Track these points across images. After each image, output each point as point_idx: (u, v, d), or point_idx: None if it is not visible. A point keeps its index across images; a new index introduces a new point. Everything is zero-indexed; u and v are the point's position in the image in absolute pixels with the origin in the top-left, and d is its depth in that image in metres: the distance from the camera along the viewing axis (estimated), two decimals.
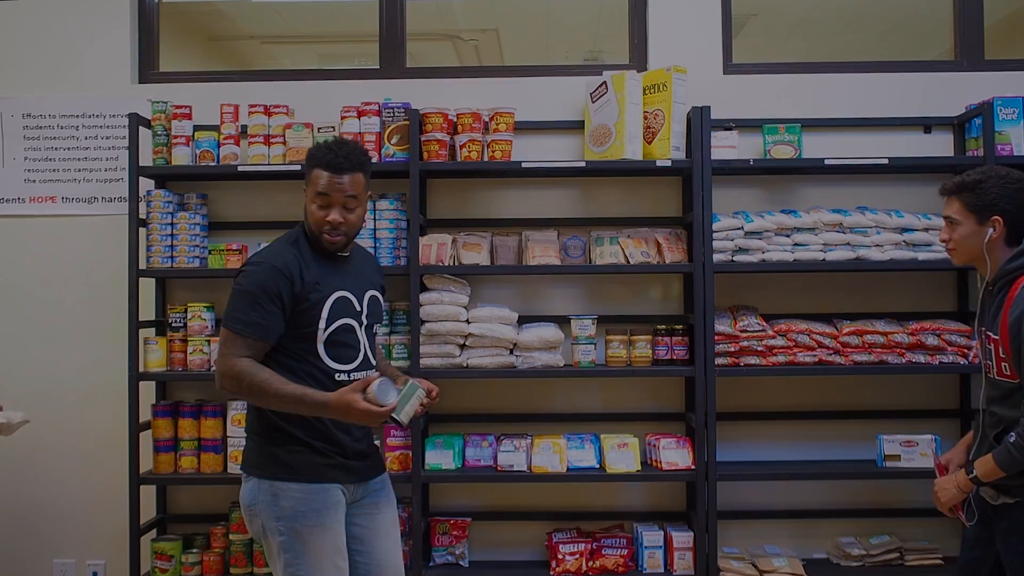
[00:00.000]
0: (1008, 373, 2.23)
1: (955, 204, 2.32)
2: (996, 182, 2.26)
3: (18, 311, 3.56)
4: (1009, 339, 2.19)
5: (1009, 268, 2.25)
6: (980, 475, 2.24)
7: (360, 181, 2.36)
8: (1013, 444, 2.15)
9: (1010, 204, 2.25)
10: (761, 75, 3.56)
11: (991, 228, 2.27)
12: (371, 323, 2.47)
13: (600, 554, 3.27)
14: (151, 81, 3.63)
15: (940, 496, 2.37)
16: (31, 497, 3.55)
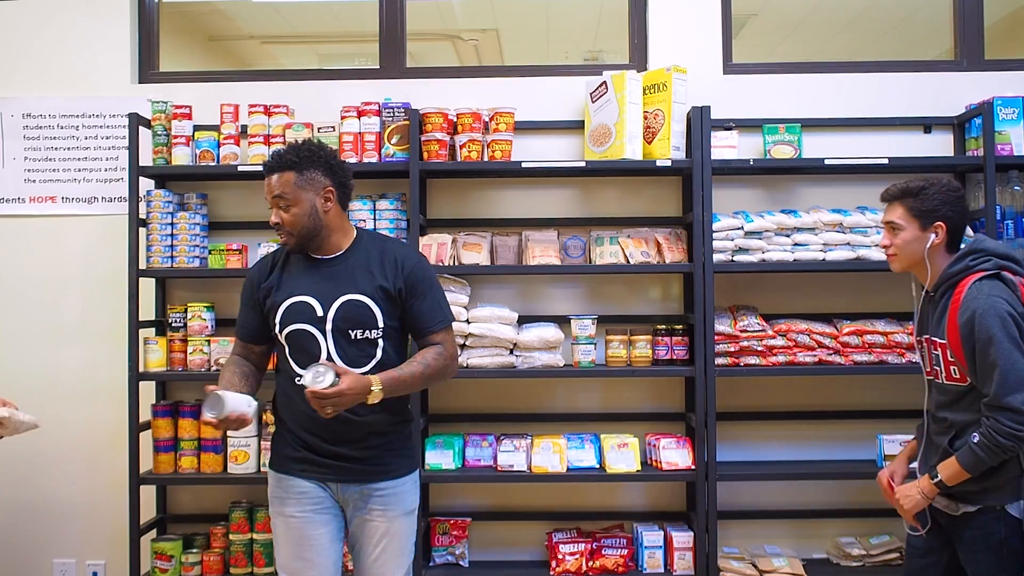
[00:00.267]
0: (957, 377, 2.25)
1: (898, 209, 2.35)
2: (939, 189, 2.31)
3: (18, 311, 3.56)
4: (960, 340, 2.20)
5: (952, 272, 2.28)
6: (945, 479, 2.23)
7: (287, 180, 2.36)
8: (977, 444, 2.15)
9: (952, 212, 2.30)
10: (761, 75, 3.56)
11: (934, 234, 2.30)
12: (345, 328, 2.35)
13: (600, 554, 3.27)
14: (151, 81, 3.63)
15: (904, 504, 2.34)
16: (31, 497, 3.55)
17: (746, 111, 3.44)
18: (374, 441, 2.41)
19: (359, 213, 3.26)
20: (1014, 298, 2.20)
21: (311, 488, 2.42)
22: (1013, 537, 2.21)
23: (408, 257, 2.45)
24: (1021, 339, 2.15)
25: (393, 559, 2.44)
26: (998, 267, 2.24)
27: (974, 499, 2.24)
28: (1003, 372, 2.11)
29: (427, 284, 2.43)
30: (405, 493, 2.46)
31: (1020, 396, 2.10)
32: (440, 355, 2.40)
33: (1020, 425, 2.10)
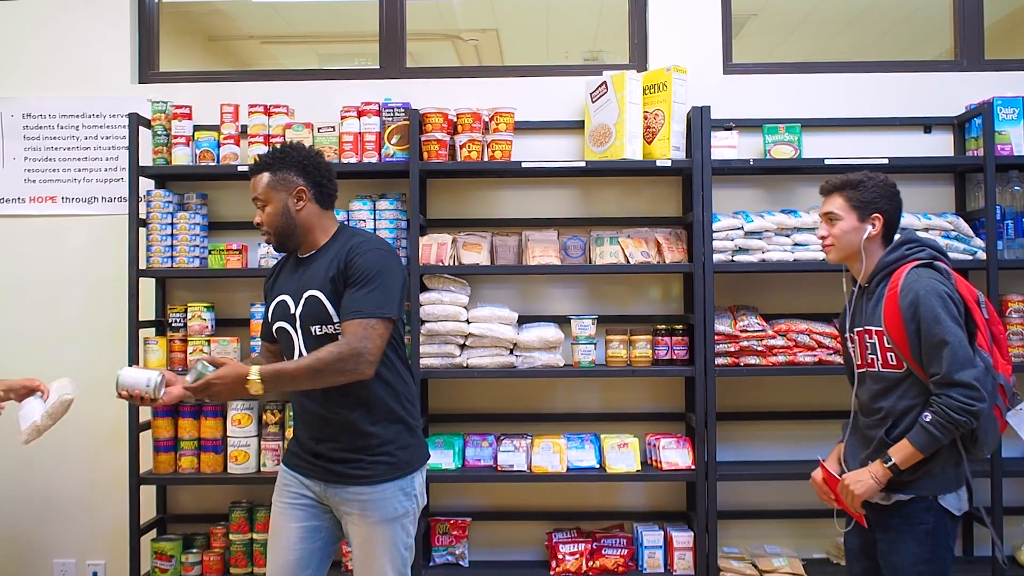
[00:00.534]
0: (894, 363, 2.28)
1: (837, 200, 2.40)
2: (876, 183, 2.38)
3: (18, 311, 3.56)
4: (903, 323, 2.23)
5: (889, 260, 2.34)
6: (898, 462, 2.22)
7: (261, 180, 2.41)
8: (930, 423, 2.17)
9: (888, 205, 2.37)
10: (761, 75, 3.56)
11: (871, 225, 2.36)
12: (308, 324, 2.37)
13: (600, 554, 3.27)
14: (151, 81, 3.63)
15: (855, 489, 2.28)
16: (31, 497, 3.55)
17: (746, 111, 3.44)
18: (351, 442, 2.37)
19: (359, 213, 3.26)
20: (950, 284, 2.27)
21: (293, 482, 2.47)
22: (940, 529, 2.23)
23: (356, 249, 2.37)
24: (961, 319, 2.21)
25: (375, 566, 2.39)
26: (932, 257, 2.32)
27: (908, 488, 2.25)
28: (953, 349, 2.15)
29: (365, 275, 2.31)
30: (385, 500, 2.37)
31: (970, 372, 2.15)
32: (332, 349, 2.25)
33: (972, 400, 2.13)
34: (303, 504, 2.46)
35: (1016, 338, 3.22)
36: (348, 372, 2.26)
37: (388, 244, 2.45)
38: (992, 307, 2.35)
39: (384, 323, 2.29)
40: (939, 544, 2.24)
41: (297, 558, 2.44)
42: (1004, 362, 2.31)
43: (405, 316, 2.56)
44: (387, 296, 2.30)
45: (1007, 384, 2.29)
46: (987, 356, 2.23)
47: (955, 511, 2.25)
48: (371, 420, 2.37)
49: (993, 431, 2.26)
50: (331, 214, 2.50)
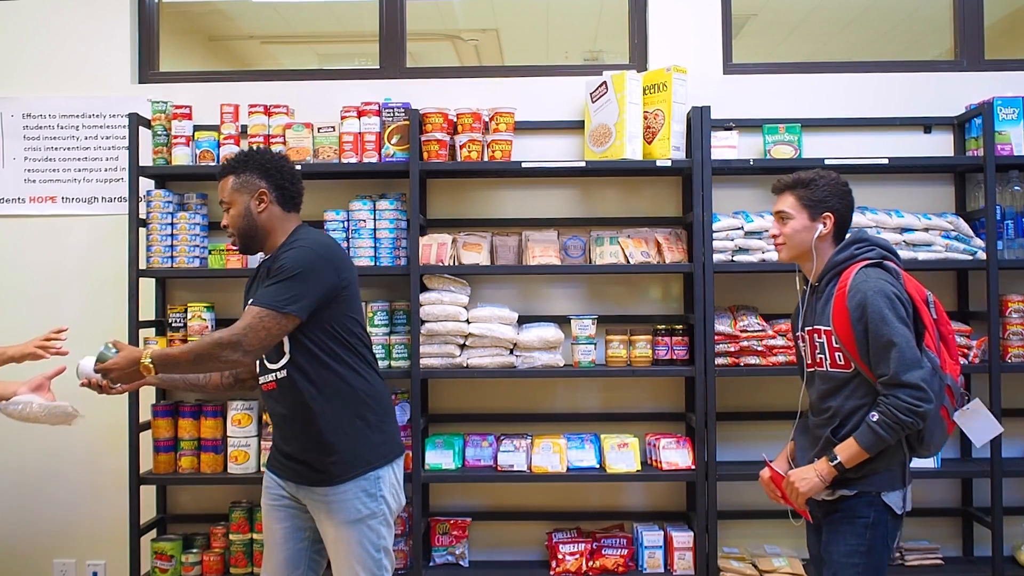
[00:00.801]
0: (842, 363, 2.28)
1: (789, 199, 2.40)
2: (828, 181, 2.37)
3: (18, 311, 3.56)
4: (851, 323, 2.23)
5: (838, 260, 2.33)
6: (844, 460, 2.22)
7: (225, 184, 2.48)
8: (876, 423, 2.17)
9: (839, 204, 2.37)
10: (761, 75, 3.56)
11: (822, 224, 2.35)
12: None
13: (600, 554, 3.27)
14: (151, 81, 3.63)
15: (800, 487, 2.27)
16: (31, 497, 3.55)
17: (746, 111, 3.44)
18: (309, 441, 2.39)
19: (359, 213, 3.26)
20: (898, 284, 2.26)
21: (272, 483, 2.53)
22: (880, 524, 2.24)
23: (287, 246, 2.40)
24: (908, 320, 2.21)
25: (345, 568, 2.40)
26: (881, 256, 2.31)
27: (853, 484, 2.26)
28: (900, 349, 2.15)
29: (280, 270, 2.33)
30: (347, 501, 2.37)
31: (917, 373, 2.14)
32: (215, 335, 2.28)
33: (919, 400, 2.13)
34: (283, 505, 2.50)
35: (1016, 338, 3.22)
36: (224, 359, 2.27)
37: (326, 246, 2.42)
38: (941, 307, 2.35)
39: (276, 316, 2.27)
40: (877, 539, 2.24)
41: (286, 558, 2.48)
42: (952, 362, 2.30)
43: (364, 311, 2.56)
44: (293, 292, 2.28)
45: (954, 385, 2.29)
46: (934, 357, 2.24)
47: (897, 509, 2.25)
48: (326, 419, 2.38)
49: (940, 431, 2.26)
50: (294, 216, 2.52)
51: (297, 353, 2.37)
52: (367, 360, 2.46)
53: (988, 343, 3.17)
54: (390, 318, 3.31)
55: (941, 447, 2.33)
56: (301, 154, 3.30)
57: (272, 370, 2.41)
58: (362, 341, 2.46)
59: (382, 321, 3.29)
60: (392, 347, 3.27)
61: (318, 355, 2.37)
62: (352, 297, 2.44)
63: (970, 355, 3.20)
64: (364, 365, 2.45)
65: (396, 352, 3.27)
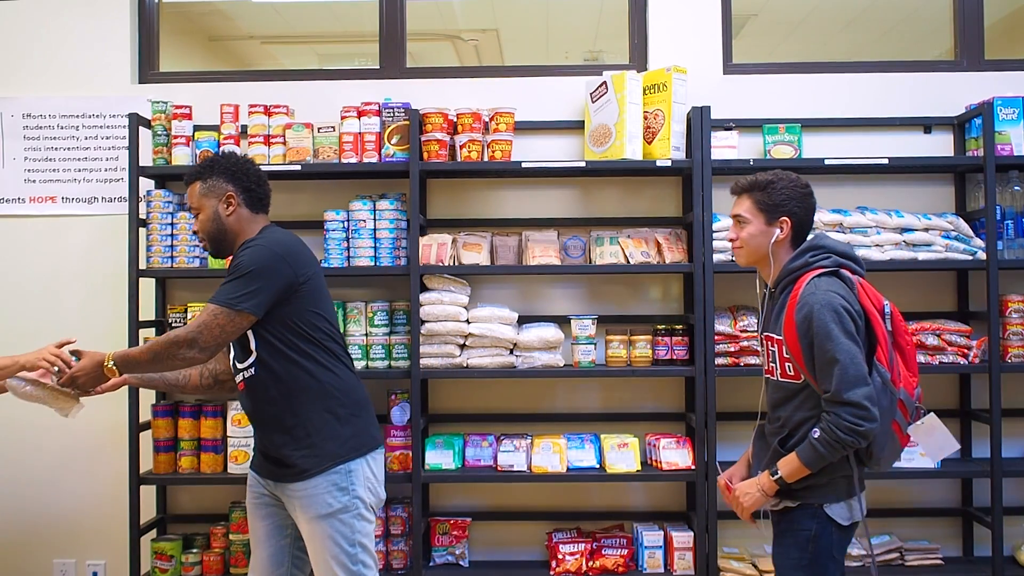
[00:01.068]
0: (792, 374, 2.24)
1: (746, 202, 2.33)
2: (786, 184, 2.30)
3: (18, 311, 3.56)
4: (798, 336, 2.18)
5: (793, 267, 2.26)
6: (785, 476, 2.19)
7: (193, 190, 2.51)
8: (818, 440, 2.13)
9: (798, 207, 2.29)
10: (761, 75, 3.56)
11: (779, 229, 2.29)
12: None
13: (600, 554, 3.27)
14: (151, 81, 3.63)
15: (743, 501, 2.28)
16: (31, 497, 3.55)
17: (746, 111, 3.44)
18: (278, 437, 2.43)
19: (359, 213, 3.26)
20: (851, 295, 2.19)
21: (254, 481, 2.57)
22: (823, 537, 2.19)
23: (244, 245, 2.43)
24: (857, 334, 2.15)
25: (320, 562, 2.41)
26: (837, 264, 2.24)
27: (796, 495, 2.22)
28: (843, 367, 2.09)
29: (235, 268, 2.36)
30: (317, 496, 2.38)
31: (860, 391, 2.09)
32: (171, 334, 2.31)
33: (861, 420, 2.08)
34: (264, 503, 2.55)
35: (1016, 338, 3.21)
36: (181, 357, 2.30)
37: (283, 243, 2.43)
38: (899, 317, 2.28)
39: (229, 313, 2.30)
40: (820, 552, 2.19)
41: (269, 555, 2.53)
42: (909, 375, 2.23)
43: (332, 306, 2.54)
44: (246, 289, 2.31)
45: (908, 399, 2.21)
46: (885, 372, 2.16)
47: (842, 521, 2.20)
48: (292, 413, 2.41)
49: (891, 446, 2.21)
50: (262, 217, 2.55)
51: (263, 351, 2.40)
52: (335, 354, 2.48)
53: (988, 343, 3.17)
54: (390, 318, 3.31)
55: (893, 462, 2.28)
56: (301, 154, 3.30)
57: (241, 369, 2.45)
58: (329, 335, 2.47)
59: (382, 321, 3.29)
60: (392, 347, 3.27)
61: (283, 351, 2.40)
62: (313, 292, 2.44)
63: (970, 355, 3.20)
64: (332, 359, 2.46)
65: (396, 352, 3.27)
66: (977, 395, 3.40)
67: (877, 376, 2.15)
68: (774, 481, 2.21)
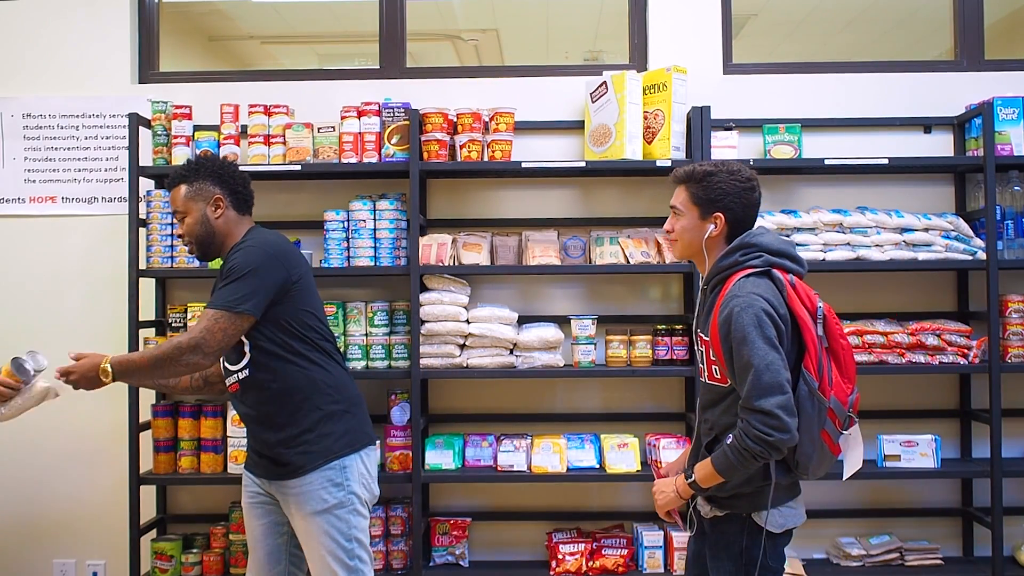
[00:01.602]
0: (719, 377, 2.13)
1: (682, 194, 2.21)
2: (726, 177, 2.17)
3: (18, 311, 3.56)
4: (720, 339, 2.08)
5: (722, 266, 2.15)
6: (698, 480, 2.12)
7: (176, 194, 2.52)
8: (730, 447, 2.04)
9: (735, 203, 2.16)
10: (761, 75, 3.56)
11: (712, 224, 2.17)
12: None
13: (600, 554, 3.27)
14: (151, 81, 3.63)
15: (657, 499, 2.23)
16: (31, 497, 3.55)
17: (746, 111, 3.44)
18: (272, 435, 2.45)
19: (359, 213, 3.26)
20: (778, 297, 2.08)
21: (249, 481, 2.59)
22: (754, 547, 2.11)
23: (236, 247, 2.46)
24: (779, 340, 2.03)
25: (315, 558, 2.44)
26: (768, 264, 2.12)
27: (723, 504, 2.15)
28: (757, 374, 1.98)
29: (230, 271, 2.40)
30: (312, 492, 2.41)
31: (773, 399, 1.97)
32: (174, 340, 2.31)
33: (771, 430, 1.97)
34: (260, 502, 2.57)
35: (1016, 338, 3.21)
36: (185, 363, 2.31)
37: (274, 244, 2.46)
38: (834, 320, 2.13)
39: (230, 316, 2.32)
40: (753, 562, 2.11)
41: (266, 554, 2.56)
42: (844, 381, 2.11)
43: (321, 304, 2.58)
44: (244, 291, 2.34)
45: (838, 407, 2.08)
46: (812, 380, 2.04)
47: (772, 529, 2.11)
48: (287, 412, 2.44)
49: (819, 455, 2.10)
50: (247, 219, 2.58)
51: (256, 352, 2.43)
52: (327, 352, 2.51)
53: (988, 343, 3.17)
54: (390, 318, 3.31)
55: (825, 470, 2.17)
56: (301, 154, 3.30)
57: (234, 371, 2.47)
58: (320, 334, 2.50)
59: (382, 321, 3.29)
60: (392, 347, 3.27)
61: (276, 351, 2.43)
62: (304, 291, 2.47)
63: (970, 355, 3.20)
64: (324, 357, 2.49)
65: (396, 352, 3.27)
66: (977, 395, 3.40)
67: (804, 385, 2.04)
68: (688, 484, 2.15)
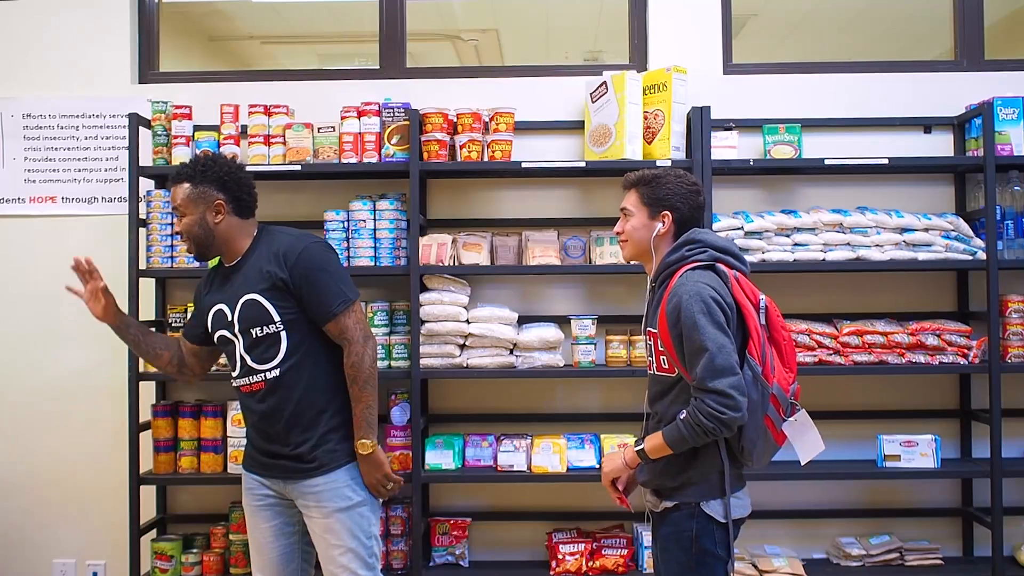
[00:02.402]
0: (667, 367, 2.23)
1: (632, 196, 2.34)
2: (672, 180, 2.31)
3: (18, 311, 3.56)
4: (668, 328, 2.17)
5: (669, 261, 2.26)
6: (648, 450, 2.20)
7: (180, 191, 2.51)
8: (682, 421, 2.12)
9: (681, 203, 2.29)
10: (761, 75, 3.56)
11: (660, 223, 2.29)
12: (246, 328, 2.46)
13: (600, 554, 3.27)
14: (151, 81, 3.63)
15: (604, 466, 2.34)
16: (31, 497, 3.55)
17: (746, 111, 3.44)
18: (296, 436, 2.46)
19: (359, 213, 3.26)
20: (724, 288, 2.19)
21: (256, 485, 2.57)
22: (704, 536, 2.19)
23: (292, 248, 2.47)
24: (727, 326, 2.14)
25: (341, 555, 2.46)
26: (713, 259, 2.23)
27: (673, 495, 2.23)
28: (711, 356, 2.08)
29: (315, 270, 2.44)
30: (338, 489, 2.45)
31: (726, 380, 2.07)
32: (358, 354, 2.44)
33: (724, 408, 2.06)
34: (269, 504, 2.56)
35: (1016, 338, 3.21)
36: (373, 358, 2.49)
37: (310, 234, 2.58)
38: (775, 312, 2.24)
39: (356, 303, 2.49)
40: (704, 551, 2.19)
41: (278, 555, 2.55)
42: (785, 371, 2.21)
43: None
44: (343, 280, 2.48)
45: (781, 394, 2.19)
46: (756, 365, 2.14)
47: (720, 518, 2.20)
48: (314, 411, 2.47)
49: (763, 442, 2.20)
50: (252, 221, 2.59)
51: (293, 352, 2.45)
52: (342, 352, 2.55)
53: (988, 343, 3.17)
54: (390, 318, 3.31)
55: (768, 459, 2.27)
56: (301, 154, 3.30)
57: (261, 370, 2.46)
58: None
59: (382, 321, 3.29)
60: (392, 347, 3.27)
61: (309, 351, 2.47)
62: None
63: (970, 355, 3.20)
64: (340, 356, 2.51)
65: (396, 352, 3.27)
66: (977, 395, 3.40)
67: (748, 370, 2.13)
68: (636, 452, 2.23)
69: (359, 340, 2.44)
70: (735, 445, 2.18)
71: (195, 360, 2.70)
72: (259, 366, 2.46)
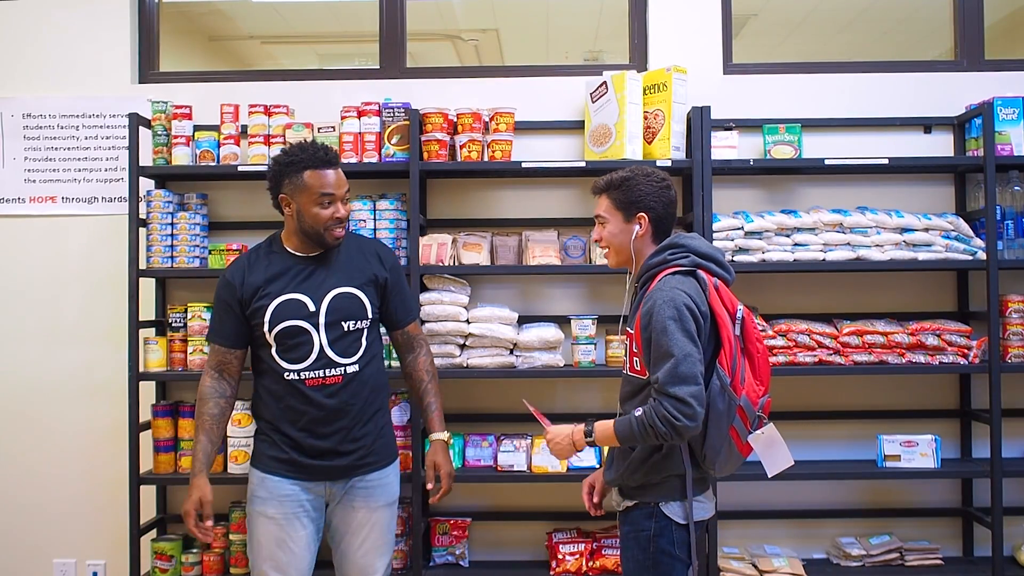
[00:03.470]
0: (639, 369, 2.23)
1: (604, 202, 2.33)
2: (642, 180, 2.30)
3: (18, 311, 3.56)
4: (640, 329, 2.18)
5: (651, 263, 2.26)
6: (596, 435, 2.23)
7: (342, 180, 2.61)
8: (636, 419, 2.12)
9: (655, 202, 2.29)
10: (761, 75, 3.56)
11: (637, 225, 2.29)
12: (337, 320, 2.51)
13: (600, 554, 3.27)
14: (151, 81, 3.63)
15: (551, 446, 2.35)
16: (31, 497, 3.55)
17: (746, 111, 3.44)
18: (359, 431, 2.54)
19: (359, 213, 3.26)
20: (701, 296, 2.18)
21: (294, 491, 2.53)
22: (662, 537, 2.20)
23: (387, 251, 2.71)
24: (698, 335, 2.13)
25: (376, 548, 2.57)
26: (695, 264, 2.23)
27: (633, 495, 2.26)
28: (676, 363, 2.07)
29: (402, 273, 2.73)
30: (390, 484, 2.63)
31: (687, 388, 2.06)
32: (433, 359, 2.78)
33: (680, 415, 2.05)
34: (305, 510, 2.56)
35: (1016, 338, 3.21)
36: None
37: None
38: (752, 325, 2.23)
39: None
40: (662, 551, 2.20)
41: (309, 563, 2.58)
42: (756, 383, 2.20)
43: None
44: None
45: (748, 406, 2.17)
46: (725, 376, 2.14)
47: (679, 519, 2.20)
48: (376, 406, 2.61)
49: (727, 452, 2.20)
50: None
51: (371, 347, 2.59)
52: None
53: (988, 343, 3.18)
54: None
55: (733, 469, 2.27)
56: None
57: (343, 364, 2.51)
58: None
59: None
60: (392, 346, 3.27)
61: (377, 350, 2.65)
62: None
63: (970, 355, 3.20)
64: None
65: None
66: (977, 395, 3.40)
67: (716, 380, 2.13)
68: (583, 433, 2.26)
69: (427, 341, 2.76)
70: (698, 452, 2.19)
71: (237, 364, 2.62)
72: (342, 359, 2.50)
